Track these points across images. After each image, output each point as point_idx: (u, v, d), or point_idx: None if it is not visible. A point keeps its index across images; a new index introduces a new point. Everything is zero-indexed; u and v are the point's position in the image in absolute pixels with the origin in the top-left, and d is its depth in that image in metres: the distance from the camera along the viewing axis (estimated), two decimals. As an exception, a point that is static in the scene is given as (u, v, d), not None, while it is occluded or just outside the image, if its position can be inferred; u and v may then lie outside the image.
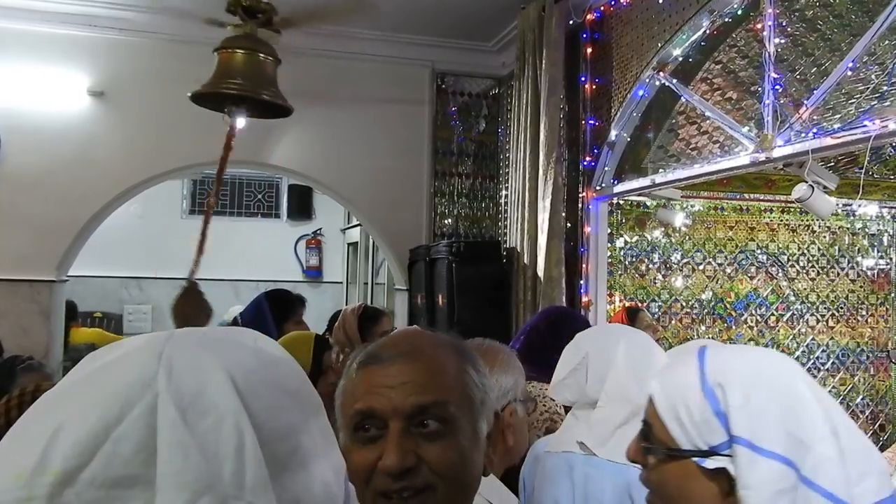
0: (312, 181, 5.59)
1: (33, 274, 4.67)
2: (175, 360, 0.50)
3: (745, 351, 1.20)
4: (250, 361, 0.53)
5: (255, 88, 2.39)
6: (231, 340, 0.56)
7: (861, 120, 2.52)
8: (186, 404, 0.47)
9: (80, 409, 0.47)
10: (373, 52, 5.27)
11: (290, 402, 0.52)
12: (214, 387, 0.48)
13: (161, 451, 0.45)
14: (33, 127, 4.68)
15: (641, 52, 3.83)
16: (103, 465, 0.44)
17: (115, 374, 0.50)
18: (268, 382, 0.52)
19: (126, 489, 0.44)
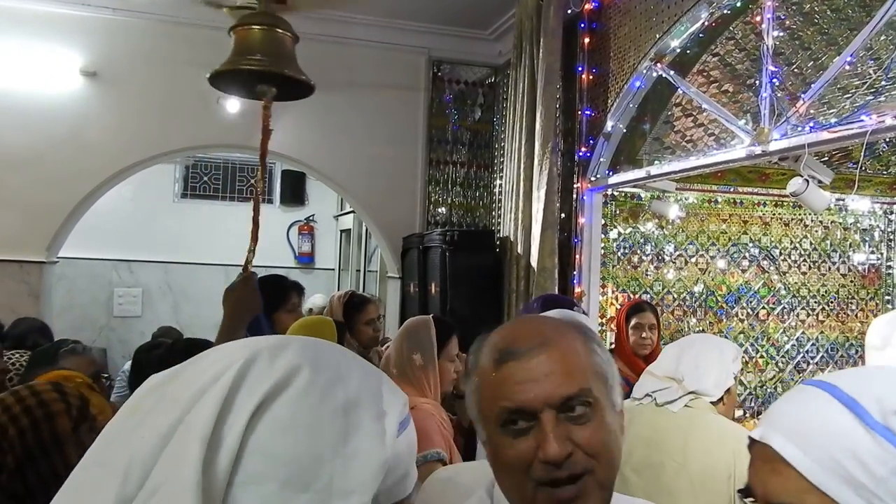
0: (306, 167, 5.56)
1: (23, 255, 4.64)
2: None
3: (870, 369, 0.85)
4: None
5: (276, 64, 2.35)
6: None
7: (857, 115, 2.52)
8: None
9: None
10: (369, 38, 5.25)
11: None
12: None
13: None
14: (25, 106, 4.63)
15: (639, 42, 3.82)
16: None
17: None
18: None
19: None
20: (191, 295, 7.73)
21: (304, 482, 0.51)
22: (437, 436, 2.03)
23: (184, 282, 7.77)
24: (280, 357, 0.56)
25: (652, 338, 3.50)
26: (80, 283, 7.36)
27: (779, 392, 4.64)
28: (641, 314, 3.56)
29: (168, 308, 7.76)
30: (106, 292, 7.62)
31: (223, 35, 4.81)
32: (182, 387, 0.55)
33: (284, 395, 0.53)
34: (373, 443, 0.55)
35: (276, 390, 0.53)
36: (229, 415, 0.52)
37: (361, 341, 3.52)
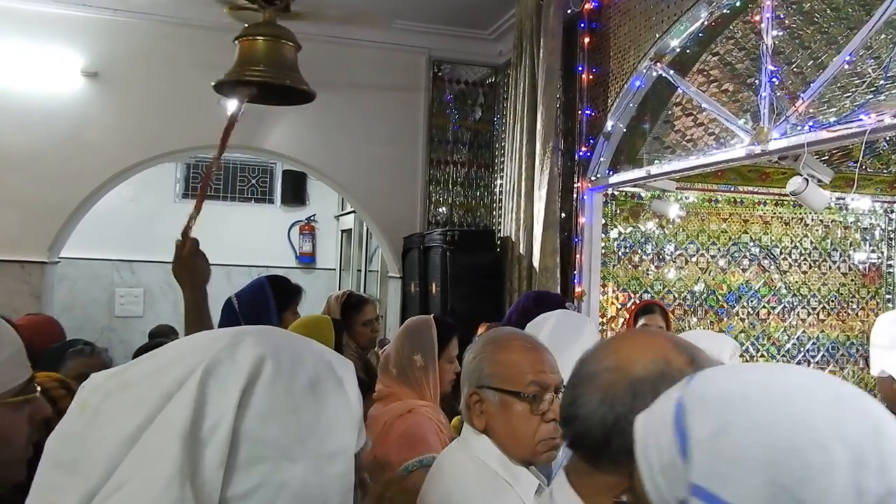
0: (307, 167, 5.57)
1: (24, 255, 4.65)
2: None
3: (754, 366, 0.78)
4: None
5: (278, 74, 2.40)
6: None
7: (857, 114, 2.52)
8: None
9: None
10: (369, 39, 5.25)
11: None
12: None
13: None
14: (26, 107, 4.65)
15: (639, 42, 3.82)
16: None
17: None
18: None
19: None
20: (192, 295, 7.72)
21: (294, 456, 0.57)
22: (434, 440, 2.02)
23: (185, 282, 7.77)
24: (240, 351, 0.60)
25: None
26: (82, 283, 7.38)
27: (779, 391, 4.65)
28: (650, 315, 3.53)
29: (169, 308, 7.76)
30: (107, 292, 7.64)
31: (223, 35, 4.81)
32: (145, 389, 0.58)
33: (258, 385, 0.58)
34: (342, 409, 0.62)
35: (250, 383, 0.58)
36: (210, 411, 0.56)
37: (359, 342, 3.51)
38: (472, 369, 1.54)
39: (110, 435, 0.56)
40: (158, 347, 2.01)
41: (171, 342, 0.66)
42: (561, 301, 2.73)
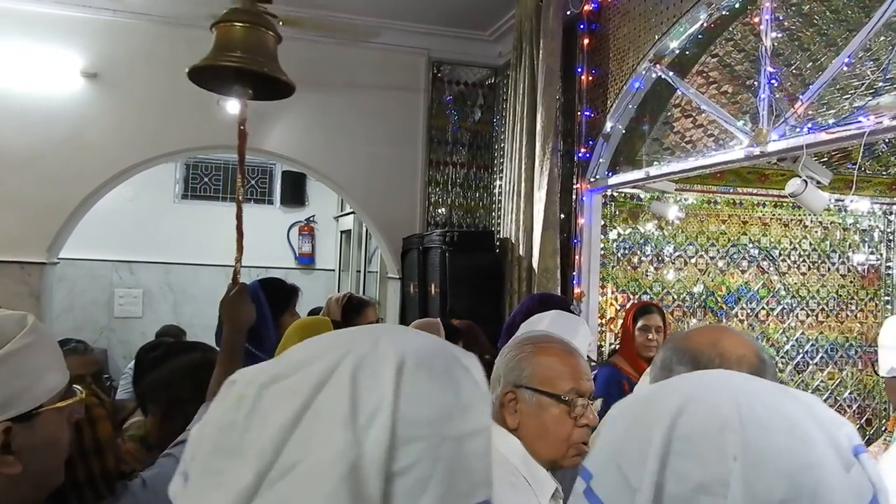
0: (306, 168, 5.57)
1: (24, 255, 4.65)
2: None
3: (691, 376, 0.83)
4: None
5: (256, 61, 2.34)
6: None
7: (855, 116, 2.52)
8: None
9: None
10: (369, 40, 5.25)
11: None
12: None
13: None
14: (25, 108, 4.65)
15: (638, 43, 3.83)
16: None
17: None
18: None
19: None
20: (191, 295, 7.74)
21: (443, 435, 0.64)
22: None
23: (184, 282, 7.78)
24: (381, 345, 0.68)
25: (658, 340, 3.45)
26: (81, 283, 7.38)
27: (778, 392, 4.65)
28: (649, 315, 3.51)
29: (169, 308, 7.77)
30: (107, 293, 7.64)
31: (223, 36, 4.77)
32: (296, 381, 0.65)
33: (405, 372, 0.65)
34: (475, 391, 0.69)
35: (398, 371, 0.65)
36: (367, 397, 0.63)
37: None
38: (511, 368, 1.57)
39: (272, 422, 0.63)
40: (162, 345, 2.04)
41: (305, 342, 0.73)
42: (565, 303, 2.72)
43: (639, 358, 3.44)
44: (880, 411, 4.82)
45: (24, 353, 0.97)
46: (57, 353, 1.05)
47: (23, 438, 0.96)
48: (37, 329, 1.01)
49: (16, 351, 0.96)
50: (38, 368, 0.99)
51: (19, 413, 0.95)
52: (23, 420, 0.96)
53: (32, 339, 0.99)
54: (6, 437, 0.93)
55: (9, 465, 0.94)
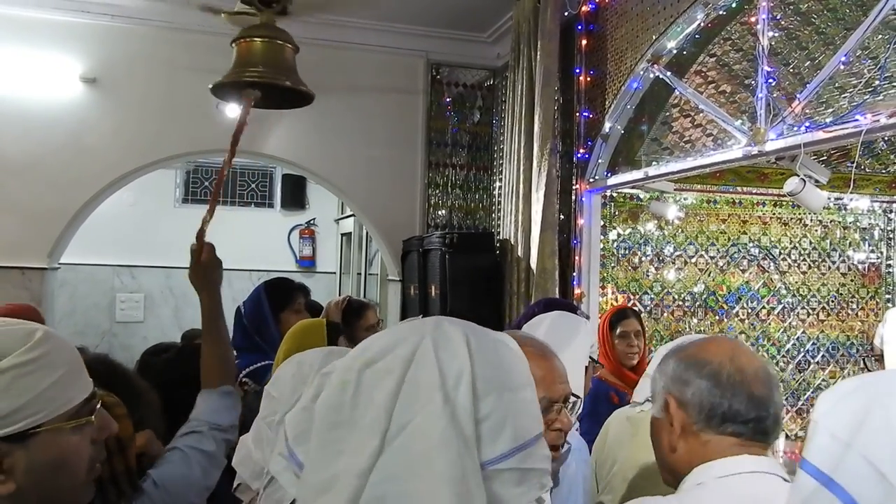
0: (306, 171, 5.57)
1: (25, 261, 4.65)
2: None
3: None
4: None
5: (277, 75, 2.40)
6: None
7: (853, 114, 2.52)
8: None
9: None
10: (367, 42, 5.26)
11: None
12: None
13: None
14: (25, 113, 4.65)
15: (636, 44, 3.83)
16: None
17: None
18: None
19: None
20: (192, 300, 7.62)
21: (506, 387, 0.82)
22: None
23: (185, 286, 7.63)
24: (447, 328, 0.85)
25: (639, 345, 3.32)
26: (82, 288, 7.38)
27: (780, 391, 4.64)
28: (626, 321, 3.35)
29: (170, 313, 7.78)
30: (108, 298, 7.64)
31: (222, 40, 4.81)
32: (387, 362, 0.81)
33: (472, 345, 0.83)
34: (517, 357, 0.89)
35: (468, 344, 0.83)
36: (451, 365, 0.80)
37: None
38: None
39: (377, 395, 0.79)
40: (169, 349, 2.04)
41: (378, 332, 0.91)
42: (571, 308, 2.67)
43: (621, 366, 3.28)
44: (882, 409, 4.81)
45: (21, 370, 0.94)
46: (72, 368, 1.02)
47: (16, 458, 0.94)
48: (46, 342, 0.98)
49: (9, 368, 0.94)
50: (37, 387, 0.95)
51: (9, 433, 0.93)
52: (16, 440, 0.94)
53: (36, 355, 0.96)
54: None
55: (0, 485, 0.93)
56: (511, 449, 0.80)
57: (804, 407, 4.69)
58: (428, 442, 0.76)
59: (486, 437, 0.79)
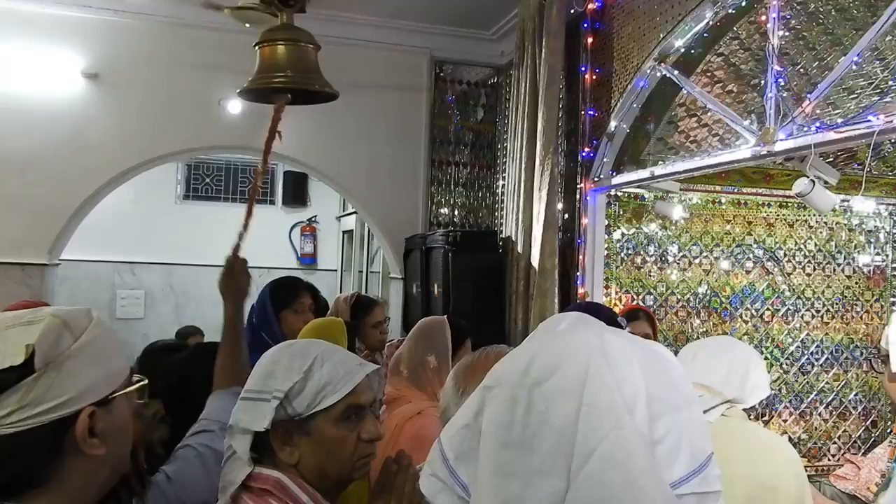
0: (308, 168, 5.55)
1: (25, 257, 4.63)
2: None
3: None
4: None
5: (303, 79, 2.44)
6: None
7: (865, 114, 2.50)
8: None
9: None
10: (370, 39, 5.23)
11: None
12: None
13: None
14: (26, 109, 4.63)
15: (643, 42, 3.80)
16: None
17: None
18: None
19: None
20: (193, 297, 7.72)
21: (677, 406, 0.79)
22: None
23: (186, 284, 7.76)
24: (611, 342, 0.81)
25: None
26: (83, 285, 7.36)
27: (783, 394, 4.62)
28: (635, 322, 3.27)
29: (171, 310, 7.75)
30: (108, 294, 7.62)
31: (225, 36, 4.82)
32: (557, 380, 0.77)
33: (642, 362, 0.80)
34: (677, 369, 0.85)
35: (639, 363, 0.79)
36: (625, 385, 0.76)
37: (369, 344, 3.49)
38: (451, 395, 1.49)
39: (554, 419, 0.74)
40: (180, 349, 2.09)
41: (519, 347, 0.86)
42: (612, 316, 2.56)
43: None
44: (885, 413, 4.79)
45: (97, 343, 1.03)
46: (118, 342, 1.11)
47: (104, 423, 1.02)
48: (101, 322, 1.08)
49: (90, 341, 1.02)
50: (109, 357, 1.06)
51: (99, 399, 1.01)
52: (102, 405, 1.02)
53: (101, 331, 1.06)
54: (91, 420, 0.99)
55: (95, 448, 1.00)
56: (689, 472, 0.77)
57: (807, 410, 4.66)
58: (626, 470, 0.71)
59: (663, 461, 0.75)
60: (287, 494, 1.31)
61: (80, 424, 0.98)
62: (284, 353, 1.39)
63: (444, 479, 0.82)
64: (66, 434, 0.97)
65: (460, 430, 0.82)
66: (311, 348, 1.41)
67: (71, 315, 1.03)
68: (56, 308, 1.04)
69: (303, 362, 1.36)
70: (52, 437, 0.96)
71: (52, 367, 0.96)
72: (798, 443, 4.64)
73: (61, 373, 0.97)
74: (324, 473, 1.37)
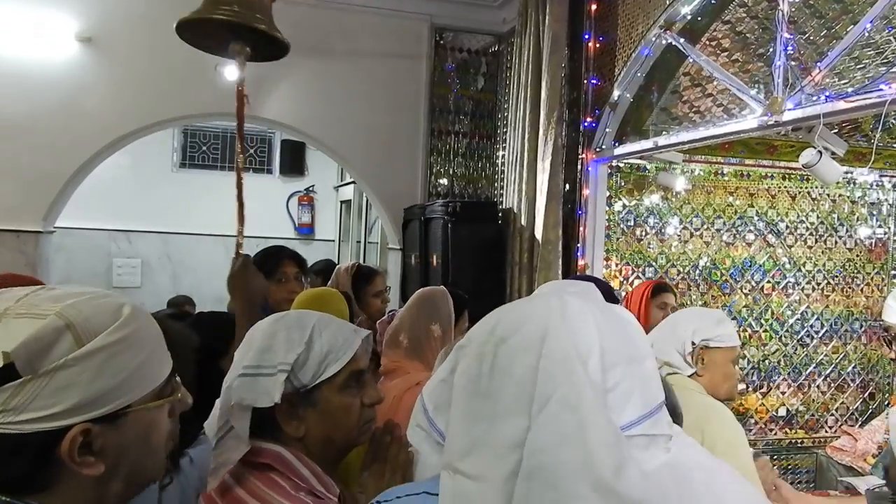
0: (305, 136, 5.48)
1: (19, 224, 4.58)
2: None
3: None
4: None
5: (252, 17, 2.24)
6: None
7: (875, 84, 2.44)
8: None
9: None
10: (370, 4, 5.14)
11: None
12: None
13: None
14: (19, 73, 4.54)
15: (648, 9, 3.72)
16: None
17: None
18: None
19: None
20: (190, 266, 7.69)
21: (631, 358, 0.86)
22: None
23: (183, 252, 7.72)
24: (568, 301, 0.90)
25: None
26: (79, 253, 7.31)
27: (782, 366, 4.62)
28: (666, 293, 3.57)
29: (167, 279, 7.72)
30: (105, 263, 7.58)
31: None
32: (521, 337, 0.85)
33: (596, 318, 0.88)
34: (631, 325, 0.93)
35: (594, 319, 0.88)
36: (581, 340, 0.85)
37: (370, 313, 3.47)
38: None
39: (516, 371, 0.83)
40: (182, 318, 2.05)
41: (505, 307, 0.94)
42: (609, 290, 2.66)
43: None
44: (884, 385, 4.80)
45: (110, 351, 0.88)
46: (157, 344, 0.97)
47: (108, 438, 0.90)
48: (134, 321, 0.92)
49: (100, 349, 0.88)
50: (128, 367, 0.90)
51: (102, 413, 0.88)
52: (106, 420, 0.89)
53: (125, 334, 0.90)
54: (85, 438, 0.87)
55: (89, 466, 0.89)
56: (640, 416, 0.84)
57: (805, 382, 4.67)
58: (578, 412, 0.79)
59: (615, 406, 0.83)
60: (289, 469, 1.29)
61: (65, 442, 0.85)
62: (279, 326, 1.36)
63: (426, 428, 0.94)
64: (54, 448, 0.86)
65: (438, 384, 0.94)
66: (305, 318, 1.39)
67: (85, 314, 0.89)
68: (76, 302, 0.90)
69: (302, 333, 1.34)
70: (37, 449, 0.85)
71: (41, 376, 0.84)
72: (796, 414, 4.66)
73: (51, 383, 0.84)
74: (330, 443, 1.36)
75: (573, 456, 0.77)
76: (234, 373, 1.33)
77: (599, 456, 0.77)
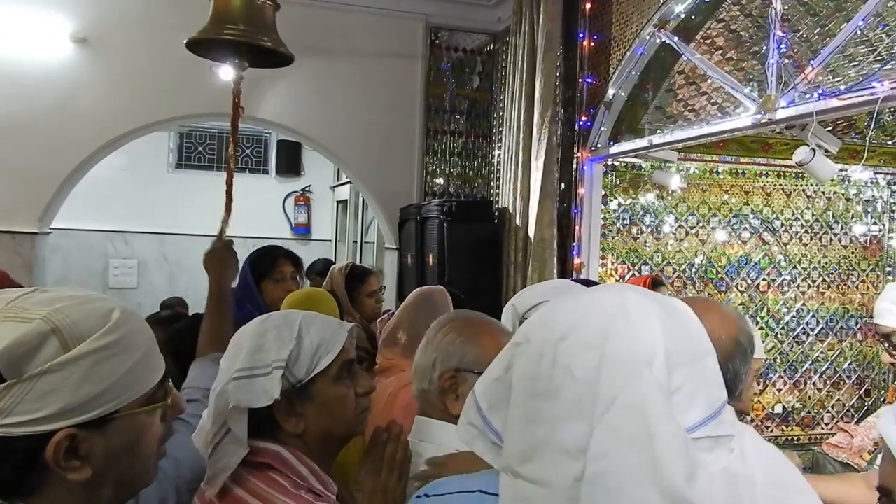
0: (302, 136, 5.48)
1: (15, 225, 4.58)
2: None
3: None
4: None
5: (256, 35, 2.29)
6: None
7: (868, 81, 2.45)
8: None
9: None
10: (365, 4, 5.14)
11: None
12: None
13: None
14: (13, 74, 4.54)
15: (642, 8, 3.73)
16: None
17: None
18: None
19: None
20: (186, 266, 7.68)
21: (695, 357, 0.85)
22: None
23: (179, 253, 7.72)
24: (628, 299, 0.87)
25: None
26: (75, 254, 7.31)
27: (778, 364, 4.63)
28: (660, 288, 3.60)
29: (164, 279, 7.72)
30: (101, 264, 7.58)
31: None
32: (580, 335, 0.83)
33: (662, 318, 0.85)
34: (692, 322, 0.90)
35: (658, 318, 0.85)
36: (645, 339, 0.82)
37: (364, 313, 3.47)
38: (450, 352, 1.51)
39: (577, 371, 0.80)
40: (178, 319, 2.09)
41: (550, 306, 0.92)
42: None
43: None
44: (879, 382, 4.82)
45: (98, 356, 0.88)
46: (149, 349, 0.97)
47: (94, 443, 0.90)
48: (123, 325, 0.92)
49: (87, 354, 0.87)
50: (117, 372, 0.90)
51: (89, 418, 0.88)
52: (94, 425, 0.89)
53: (114, 339, 0.90)
54: (71, 442, 0.87)
55: (76, 471, 0.88)
56: (705, 418, 0.83)
57: (801, 379, 4.68)
58: (645, 416, 0.77)
59: (680, 408, 0.81)
60: (288, 467, 1.29)
61: (50, 447, 0.85)
62: (267, 326, 1.37)
63: (479, 426, 0.90)
64: (40, 452, 0.85)
65: (492, 382, 0.90)
66: (291, 316, 1.40)
67: (73, 318, 0.88)
68: (65, 307, 0.89)
69: (290, 330, 1.35)
70: (23, 453, 0.85)
71: (26, 380, 0.83)
72: (792, 411, 4.67)
73: (36, 388, 0.84)
74: (329, 436, 1.37)
75: (640, 461, 0.75)
76: (225, 377, 1.31)
77: (670, 462, 0.75)
